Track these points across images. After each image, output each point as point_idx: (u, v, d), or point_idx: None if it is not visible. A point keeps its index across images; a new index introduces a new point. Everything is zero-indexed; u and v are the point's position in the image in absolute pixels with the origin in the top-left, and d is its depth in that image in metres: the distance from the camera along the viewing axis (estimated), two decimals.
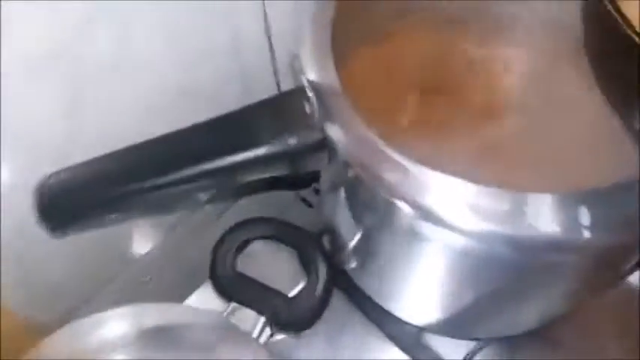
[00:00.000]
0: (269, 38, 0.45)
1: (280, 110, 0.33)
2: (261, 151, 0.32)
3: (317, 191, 0.49)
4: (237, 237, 0.38)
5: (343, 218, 0.37)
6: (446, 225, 0.27)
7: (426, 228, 0.29)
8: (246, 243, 0.39)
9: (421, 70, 0.38)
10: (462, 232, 0.27)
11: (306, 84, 0.32)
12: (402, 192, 0.28)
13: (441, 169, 0.28)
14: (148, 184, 0.31)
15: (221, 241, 0.38)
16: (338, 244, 0.40)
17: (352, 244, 0.38)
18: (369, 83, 0.38)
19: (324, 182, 0.39)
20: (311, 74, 0.33)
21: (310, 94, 0.31)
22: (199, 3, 0.39)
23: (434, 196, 0.28)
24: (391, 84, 0.38)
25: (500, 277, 0.31)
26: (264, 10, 0.43)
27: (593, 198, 0.26)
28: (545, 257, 0.27)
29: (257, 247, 0.39)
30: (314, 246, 0.38)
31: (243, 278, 0.38)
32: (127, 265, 0.50)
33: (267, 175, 0.32)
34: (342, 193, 0.36)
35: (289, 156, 0.32)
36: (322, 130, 0.31)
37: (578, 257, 0.27)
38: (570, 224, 0.26)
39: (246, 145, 0.32)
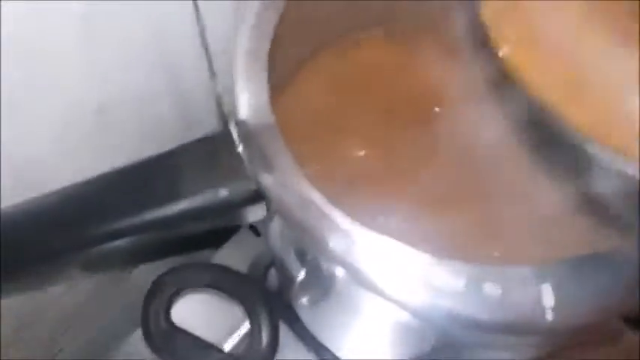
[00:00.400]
0: (205, 48, 0.40)
1: (209, 156, 0.29)
2: (185, 204, 0.28)
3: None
4: (170, 286, 0.34)
5: (287, 255, 0.34)
6: (393, 300, 0.24)
7: (370, 298, 0.25)
8: (179, 291, 0.35)
9: (370, 96, 0.34)
10: (409, 308, 0.24)
11: (234, 128, 0.28)
12: (344, 259, 0.25)
13: (391, 235, 0.24)
14: (46, 247, 0.27)
15: (152, 291, 0.34)
16: (285, 278, 0.36)
17: (298, 280, 0.34)
18: (311, 112, 0.34)
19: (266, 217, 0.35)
20: (242, 112, 0.29)
21: (239, 141, 0.28)
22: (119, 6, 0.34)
23: (380, 266, 0.24)
24: (336, 112, 0.34)
25: (455, 346, 0.28)
26: (198, 15, 0.38)
27: (565, 271, 0.23)
28: (503, 338, 0.24)
29: (194, 294, 0.35)
30: (255, 293, 0.35)
31: (179, 333, 0.34)
32: (53, 302, 0.45)
33: (189, 231, 0.29)
34: (285, 236, 0.32)
35: (220, 210, 0.28)
36: (257, 181, 0.27)
37: (544, 337, 0.24)
38: (533, 304, 0.22)
39: (169, 198, 0.28)
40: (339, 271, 0.26)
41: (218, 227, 0.30)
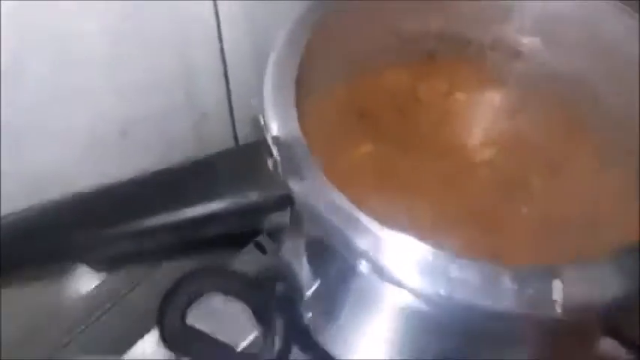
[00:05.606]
0: (225, 75, 0.43)
1: (241, 163, 0.31)
2: (218, 205, 0.30)
3: (270, 235, 0.47)
4: (188, 287, 0.36)
5: (302, 267, 0.36)
6: (415, 292, 0.27)
7: (390, 291, 0.28)
8: (197, 295, 0.36)
9: (390, 113, 0.37)
10: (430, 300, 0.26)
11: (270, 140, 0.30)
12: (372, 258, 0.27)
13: (415, 235, 0.27)
14: (88, 237, 0.29)
15: (169, 292, 0.36)
16: (294, 291, 0.38)
17: (309, 293, 0.36)
18: (334, 124, 0.36)
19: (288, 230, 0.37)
20: (274, 128, 0.31)
21: (274, 149, 0.30)
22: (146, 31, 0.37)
23: (403, 261, 0.27)
24: (357, 127, 0.36)
25: (465, 340, 0.30)
26: (221, 47, 0.41)
27: (568, 274, 0.25)
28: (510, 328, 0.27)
29: (209, 298, 0.37)
30: (270, 301, 0.37)
31: (194, 332, 0.35)
32: (70, 304, 0.46)
33: (219, 231, 0.31)
34: (303, 246, 0.34)
35: (249, 212, 0.31)
36: (286, 186, 0.30)
37: (548, 330, 0.27)
38: (540, 300, 0.25)
39: (202, 198, 0.30)
40: (363, 268, 0.28)
41: (242, 230, 0.32)
